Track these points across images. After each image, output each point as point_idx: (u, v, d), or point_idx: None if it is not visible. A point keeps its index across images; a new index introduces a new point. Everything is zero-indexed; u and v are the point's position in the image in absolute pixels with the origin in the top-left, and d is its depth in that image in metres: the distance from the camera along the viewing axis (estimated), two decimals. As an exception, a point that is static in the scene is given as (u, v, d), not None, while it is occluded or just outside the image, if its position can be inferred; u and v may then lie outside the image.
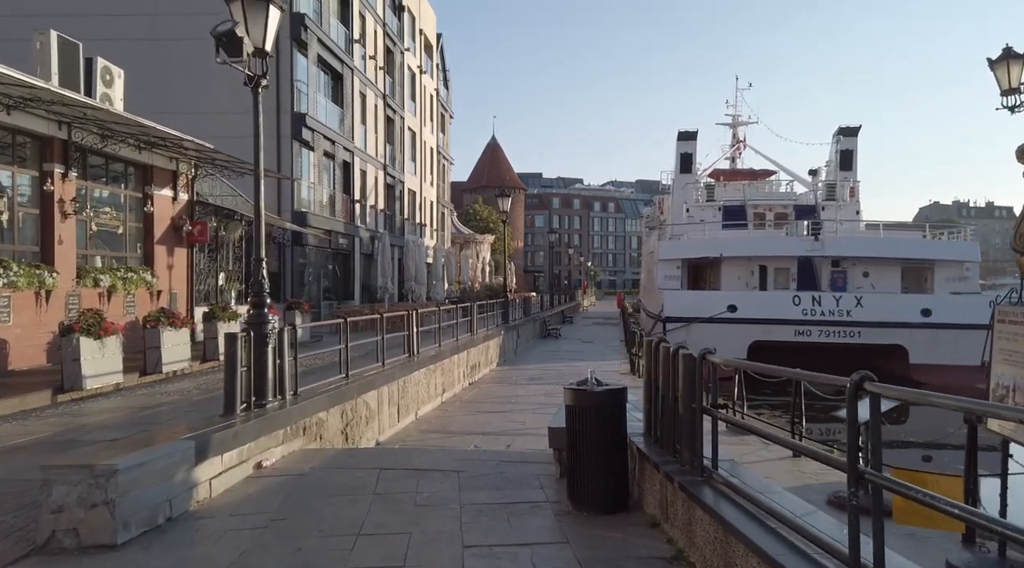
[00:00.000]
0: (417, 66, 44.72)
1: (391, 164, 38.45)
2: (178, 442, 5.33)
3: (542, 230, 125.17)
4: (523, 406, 13.07)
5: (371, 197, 35.30)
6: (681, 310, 28.33)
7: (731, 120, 47.60)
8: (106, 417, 8.50)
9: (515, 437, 10.22)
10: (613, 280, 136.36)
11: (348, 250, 31.90)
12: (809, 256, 29.99)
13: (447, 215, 56.30)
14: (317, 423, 7.78)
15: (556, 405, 13.50)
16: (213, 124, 23.97)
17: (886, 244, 29.65)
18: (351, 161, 32.15)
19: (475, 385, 16.09)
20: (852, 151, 38.30)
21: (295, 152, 27.07)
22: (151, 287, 16.79)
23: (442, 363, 13.58)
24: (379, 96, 36.48)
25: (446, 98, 55.65)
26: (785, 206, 37.66)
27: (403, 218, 40.83)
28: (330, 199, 30.10)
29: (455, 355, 14.83)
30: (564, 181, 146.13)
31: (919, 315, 26.52)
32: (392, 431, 10.45)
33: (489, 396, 14.42)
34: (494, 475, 6.20)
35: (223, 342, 6.87)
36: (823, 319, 27.14)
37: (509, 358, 21.95)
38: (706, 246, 30.93)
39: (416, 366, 11.87)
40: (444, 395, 13.74)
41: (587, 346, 27.05)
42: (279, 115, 26.69)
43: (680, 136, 40.16)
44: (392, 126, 39.01)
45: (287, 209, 26.69)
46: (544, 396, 14.36)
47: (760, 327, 27.46)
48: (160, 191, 17.27)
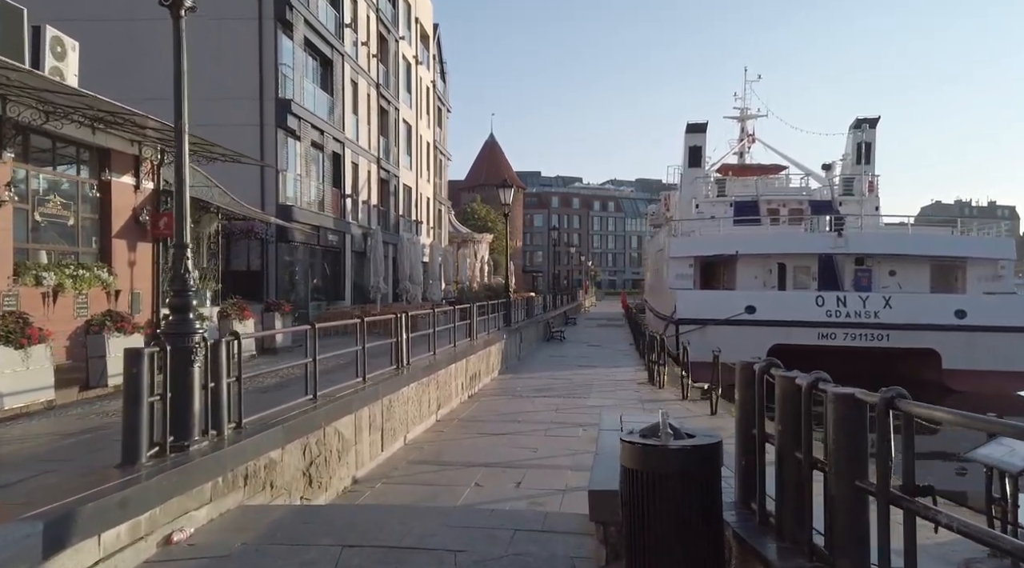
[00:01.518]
0: (413, 56, 42.75)
1: (385, 157, 36.47)
2: (13, 525, 3.36)
3: (541, 229, 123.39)
4: (532, 425, 11.12)
5: (363, 192, 33.32)
6: (695, 311, 26.43)
7: (739, 113, 45.71)
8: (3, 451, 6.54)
9: (526, 470, 8.28)
10: (613, 280, 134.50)
11: (338, 247, 29.93)
12: (830, 253, 28.09)
13: (444, 213, 54.33)
14: (267, 466, 5.82)
15: (570, 425, 11.52)
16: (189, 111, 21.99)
17: (915, 241, 27.73)
18: (342, 153, 30.17)
19: (475, 398, 14.13)
20: (871, 144, 36.44)
21: (280, 141, 25.09)
22: (108, 286, 14.74)
23: (437, 375, 11.63)
24: (372, 85, 34.50)
25: (443, 91, 53.68)
26: (800, 202, 35.81)
27: (398, 215, 38.86)
28: (319, 193, 28.13)
29: (452, 365, 12.87)
30: (563, 180, 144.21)
31: (953, 317, 24.62)
32: (374, 464, 8.48)
33: (492, 412, 12.46)
34: (508, 560, 4.23)
35: (124, 360, 4.90)
36: (849, 321, 25.24)
37: (512, 365, 19.99)
38: (721, 243, 29.01)
39: (406, 380, 9.91)
40: (439, 412, 11.78)
41: (595, 350, 25.10)
42: (262, 101, 24.74)
43: (689, 128, 38.25)
44: (386, 118, 37.03)
45: (271, 202, 24.72)
46: (555, 412, 12.40)
47: (780, 330, 25.58)
48: (120, 178, 15.24)
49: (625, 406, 13.18)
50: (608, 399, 13.90)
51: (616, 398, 14.05)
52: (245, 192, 23.44)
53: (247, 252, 24.15)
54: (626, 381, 16.76)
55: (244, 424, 5.88)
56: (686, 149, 38.67)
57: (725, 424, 11.46)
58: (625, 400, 13.87)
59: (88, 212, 14.61)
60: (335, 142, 29.39)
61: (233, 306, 15.25)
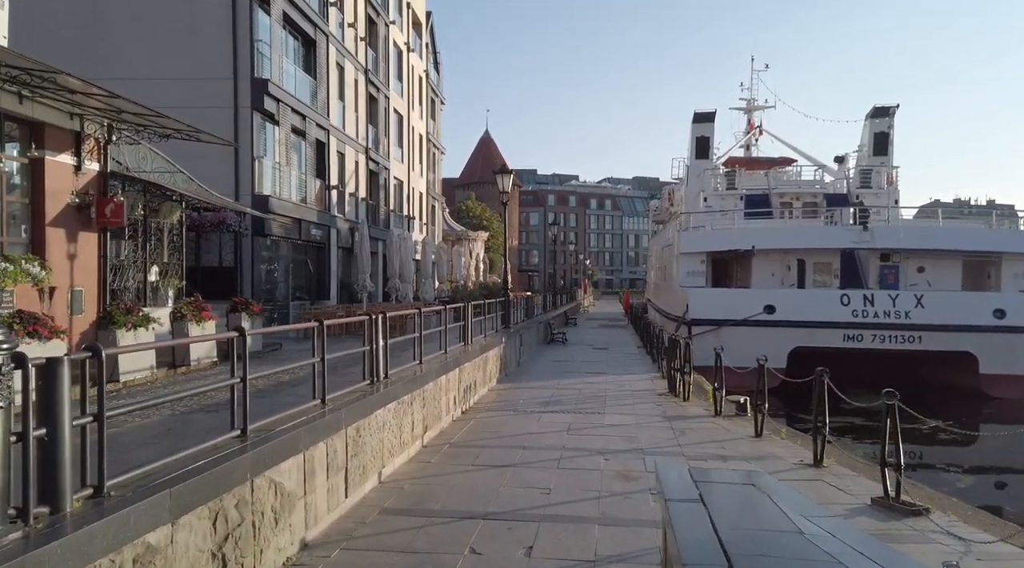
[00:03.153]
0: (404, 43, 40.57)
1: (374, 148, 34.28)
2: None
3: (537, 228, 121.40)
4: (541, 452, 8.99)
5: (350, 184, 31.13)
6: (709, 311, 24.35)
7: (746, 104, 43.73)
8: None
9: (538, 525, 6.14)
10: (610, 279, 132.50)
11: (323, 242, 27.75)
12: (854, 249, 26.01)
13: (438, 208, 52.15)
14: (140, 558, 3.66)
15: (588, 452, 9.24)
16: (154, 92, 19.86)
17: (946, 234, 25.66)
18: (326, 141, 27.99)
19: (470, 415, 11.98)
20: (888, 133, 34.43)
21: (256, 125, 22.90)
22: (40, 282, 12.55)
23: (423, 390, 9.48)
24: (360, 70, 32.31)
25: (437, 82, 51.50)
26: (815, 195, 33.76)
27: (388, 209, 36.67)
28: (300, 183, 25.94)
29: (443, 376, 10.72)
30: (559, 178, 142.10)
31: (991, 317, 22.58)
32: (334, 516, 6.32)
33: (490, 434, 10.32)
34: None
35: None
36: (877, 322, 23.18)
37: (511, 371, 17.86)
38: (736, 237, 26.89)
39: (381, 399, 7.76)
40: (426, 435, 9.64)
41: (601, 354, 22.96)
42: (236, 80, 22.54)
43: (696, 117, 36.17)
44: (375, 106, 34.84)
45: (246, 192, 22.53)
46: (567, 433, 10.27)
47: (803, 331, 23.53)
48: (56, 157, 13.03)
49: (649, 424, 11.07)
50: (628, 416, 11.78)
51: (636, 415, 11.93)
52: (217, 181, 21.24)
53: (219, 247, 21.95)
54: (643, 391, 14.63)
55: (107, 489, 3.73)
56: (693, 139, 36.60)
57: (776, 449, 9.36)
58: (648, 417, 11.74)
59: (16, 196, 12.40)
60: (319, 129, 27.21)
61: (189, 306, 13.07)
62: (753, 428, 10.45)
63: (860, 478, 7.93)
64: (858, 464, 8.71)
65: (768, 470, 8.00)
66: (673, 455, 8.92)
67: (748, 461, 8.64)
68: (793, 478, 7.80)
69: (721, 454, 8.95)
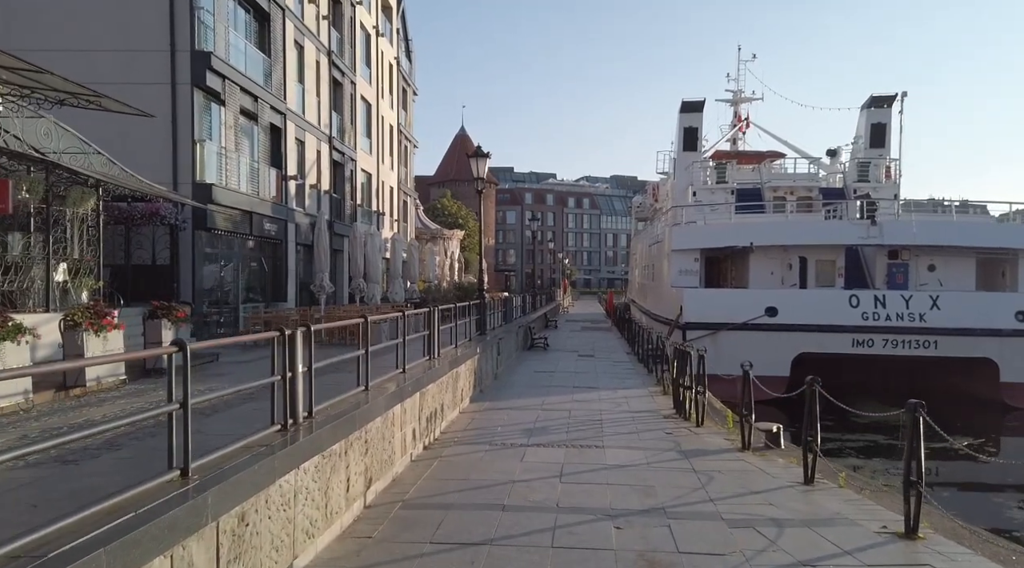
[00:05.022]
0: (372, 26, 37.87)
1: (339, 137, 31.58)
2: None
3: (514, 227, 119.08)
4: (528, 519, 6.54)
5: (311, 175, 28.44)
6: (705, 313, 22.11)
7: (732, 96, 41.74)
8: None
9: None
10: (588, 279, 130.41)
11: (279, 239, 25.04)
12: (859, 245, 23.94)
13: (411, 204, 49.47)
14: None
15: (591, 514, 6.39)
16: (79, 66, 17.10)
17: (959, 230, 23.63)
18: (282, 126, 25.28)
19: (434, 451, 9.48)
20: (885, 125, 32.51)
21: (198, 104, 20.18)
22: None
23: (367, 429, 6.99)
24: (322, 51, 29.61)
25: (409, 72, 48.80)
26: (810, 189, 31.76)
27: (355, 204, 33.96)
28: (252, 172, 23.21)
29: (398, 405, 8.23)
30: (537, 176, 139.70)
31: (1013, 320, 20.61)
32: None
33: (459, 482, 7.83)
34: None
35: None
36: (889, 325, 21.08)
37: (488, 386, 15.39)
38: (732, 233, 24.66)
39: (292, 457, 5.25)
40: (372, 489, 7.15)
41: (588, 362, 20.55)
42: (173, 53, 19.80)
43: (684, 107, 33.94)
44: (340, 91, 32.14)
45: (186, 180, 19.81)
46: (560, 480, 7.83)
47: (808, 336, 21.38)
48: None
49: (663, 464, 8.67)
50: (634, 450, 9.36)
51: (644, 449, 9.52)
52: (151, 166, 18.49)
53: (152, 241, 19.18)
54: (645, 413, 12.23)
55: None
56: (680, 130, 34.38)
57: (840, 505, 7.00)
58: (659, 452, 9.34)
59: None
60: (274, 113, 24.50)
61: (85, 312, 10.41)
62: (799, 470, 8.11)
63: (978, 560, 5.61)
64: (962, 531, 6.40)
65: (843, 546, 5.65)
66: (707, 518, 6.53)
67: (809, 527, 6.30)
68: (886, 565, 5.46)
69: (772, 517, 6.58)
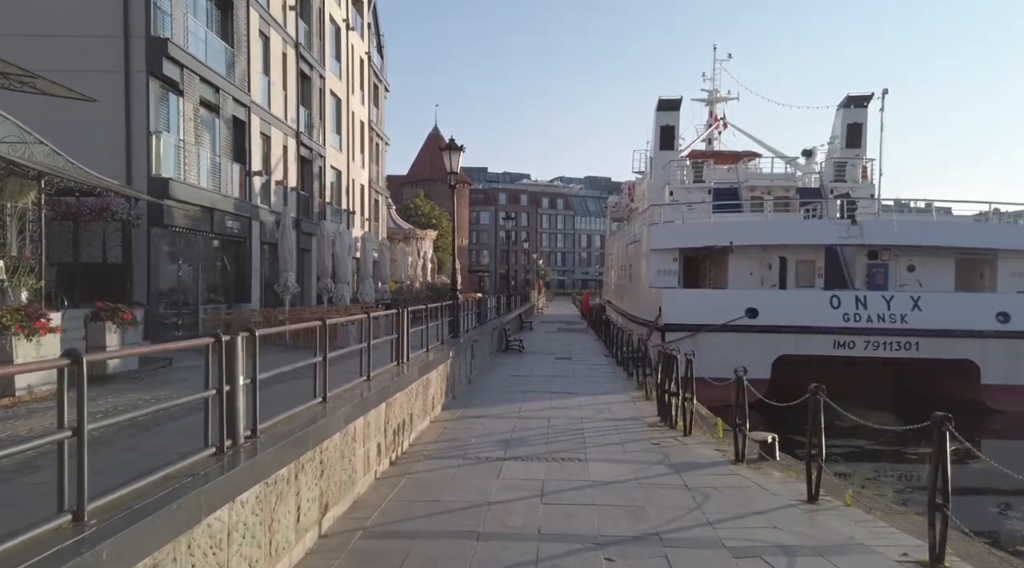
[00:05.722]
0: (343, 19, 36.82)
1: (307, 132, 30.52)
2: None
3: (488, 227, 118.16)
4: (506, 549, 5.76)
5: (277, 171, 27.36)
6: (685, 314, 21.54)
7: (708, 96, 41.49)
8: None
9: None
10: (562, 280, 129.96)
11: (242, 237, 23.95)
12: (838, 245, 23.59)
13: (382, 203, 48.40)
14: None
15: (577, 543, 5.37)
16: (28, 52, 15.97)
17: (940, 229, 23.38)
18: (247, 120, 24.20)
19: (402, 466, 8.65)
20: (862, 124, 32.37)
21: (154, 94, 19.08)
22: None
23: (322, 448, 6.15)
24: (290, 43, 28.54)
25: (381, 68, 47.73)
26: (787, 189, 31.49)
27: (323, 201, 32.90)
28: (214, 167, 22.12)
29: (360, 418, 7.39)
30: (511, 176, 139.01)
31: (994, 321, 20.36)
32: None
33: (428, 505, 7.02)
34: None
35: None
36: (871, 327, 20.69)
37: (461, 393, 14.57)
38: (712, 233, 24.14)
39: (226, 488, 4.41)
40: (327, 517, 6.31)
41: (566, 366, 19.82)
42: (127, 39, 18.70)
43: (661, 105, 33.43)
44: (309, 85, 31.07)
45: (141, 174, 18.71)
46: (542, 501, 7.07)
47: (788, 337, 20.93)
48: None
49: (652, 479, 7.95)
50: (620, 464, 8.63)
51: (630, 461, 8.79)
52: (103, 159, 17.34)
53: (103, 239, 18.03)
54: (629, 421, 11.52)
55: None
56: (656, 129, 33.88)
57: (851, 529, 6.33)
58: (647, 465, 8.62)
59: None
60: (237, 105, 23.41)
61: (14, 313, 9.40)
62: (799, 485, 7.44)
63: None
64: (990, 558, 5.76)
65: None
66: (707, 545, 5.81)
67: (823, 556, 5.61)
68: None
69: (779, 543, 5.88)
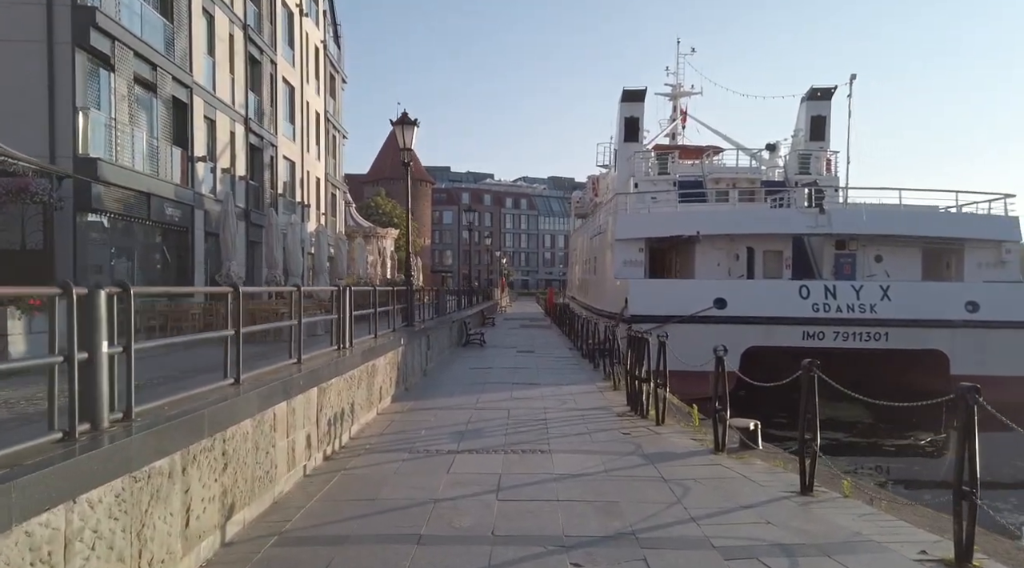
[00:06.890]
0: (296, 5, 35.33)
1: (257, 119, 29.03)
2: None
3: (451, 227, 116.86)
4: (452, 556, 4.73)
5: (224, 157, 25.86)
6: (652, 305, 20.71)
7: (671, 90, 41.04)
8: None
9: None
10: (526, 280, 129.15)
11: (184, 226, 22.43)
12: (806, 235, 23.10)
13: (339, 198, 46.87)
14: None
15: (537, 545, 4.51)
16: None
17: (909, 219, 23.02)
18: (188, 101, 22.70)
19: (337, 462, 7.53)
20: (825, 117, 32.12)
21: (80, 67, 17.56)
22: None
23: (223, 436, 5.03)
24: (237, 24, 27.06)
25: (338, 58, 46.22)
26: (752, 181, 31.03)
27: (275, 193, 31.41)
28: (151, 150, 20.61)
29: (277, 407, 6.26)
30: (474, 176, 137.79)
31: (963, 310, 20.00)
32: None
33: (362, 505, 5.92)
34: None
35: None
36: (840, 317, 20.17)
37: (414, 384, 13.46)
38: (678, 222, 23.43)
39: (62, 481, 3.28)
40: (233, 520, 5.18)
41: (529, 358, 18.83)
42: (50, 6, 17.16)
43: (625, 96, 32.70)
44: (259, 71, 29.58)
45: (65, 153, 17.21)
46: (497, 497, 6.03)
47: (758, 328, 20.26)
48: None
49: (624, 471, 6.99)
50: (587, 455, 7.65)
51: (599, 452, 7.81)
52: (22, 136, 15.88)
53: (22, 222, 16.46)
54: (596, 410, 10.56)
55: None
56: (621, 120, 33.14)
57: (856, 524, 5.43)
58: (617, 456, 7.65)
59: None
60: (178, 85, 21.91)
61: None
62: (787, 475, 6.55)
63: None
64: (1020, 555, 4.91)
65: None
66: (693, 545, 4.86)
67: (828, 555, 4.70)
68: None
69: (776, 541, 4.95)
